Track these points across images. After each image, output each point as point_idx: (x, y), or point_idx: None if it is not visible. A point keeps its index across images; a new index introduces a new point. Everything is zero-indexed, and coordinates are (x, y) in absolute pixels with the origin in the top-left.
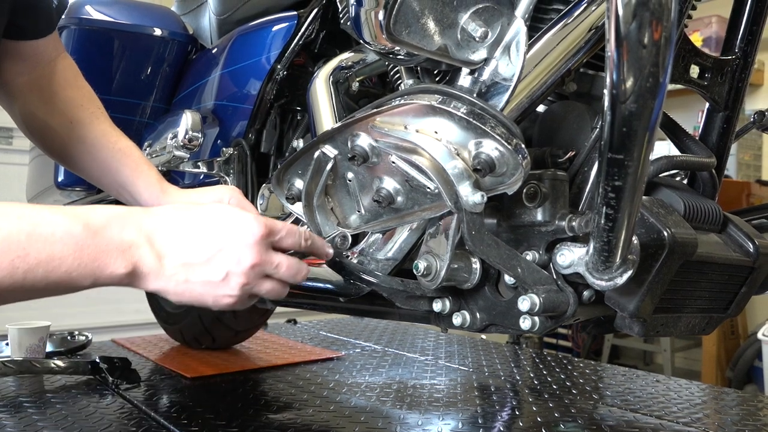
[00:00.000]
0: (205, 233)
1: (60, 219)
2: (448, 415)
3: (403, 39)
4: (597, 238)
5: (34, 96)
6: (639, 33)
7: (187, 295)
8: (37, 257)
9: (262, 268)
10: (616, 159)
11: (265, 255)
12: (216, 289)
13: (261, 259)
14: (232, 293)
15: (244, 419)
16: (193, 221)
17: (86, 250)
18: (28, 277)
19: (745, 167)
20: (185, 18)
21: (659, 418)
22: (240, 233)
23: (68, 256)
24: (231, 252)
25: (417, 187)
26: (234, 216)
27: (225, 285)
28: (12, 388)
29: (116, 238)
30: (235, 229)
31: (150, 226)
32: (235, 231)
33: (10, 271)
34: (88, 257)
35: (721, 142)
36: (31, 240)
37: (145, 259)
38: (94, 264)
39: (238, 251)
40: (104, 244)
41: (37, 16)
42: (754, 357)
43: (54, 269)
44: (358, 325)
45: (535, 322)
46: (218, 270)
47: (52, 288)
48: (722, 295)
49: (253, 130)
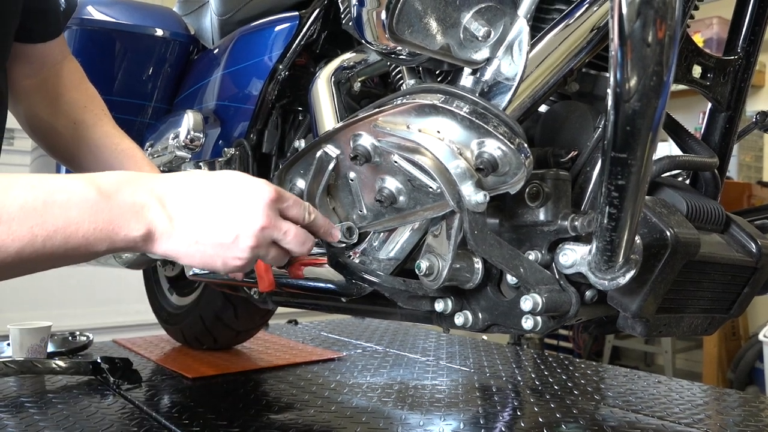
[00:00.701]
0: (215, 196)
1: (74, 185)
2: (450, 416)
3: (405, 38)
4: (600, 237)
5: (39, 98)
6: (643, 31)
7: (197, 258)
8: (55, 224)
9: (271, 232)
10: (620, 158)
11: (275, 219)
12: (226, 251)
13: (270, 223)
14: (241, 255)
15: (246, 419)
16: (204, 185)
17: (101, 214)
18: (47, 245)
19: (746, 168)
20: (187, 18)
21: (661, 418)
22: (250, 196)
23: (84, 220)
24: (241, 214)
25: (419, 186)
26: (244, 180)
27: (235, 247)
28: (13, 389)
29: (129, 200)
30: (245, 192)
31: (161, 189)
32: (245, 194)
33: (30, 240)
34: (104, 221)
35: (724, 142)
36: (48, 207)
37: (158, 221)
38: (109, 227)
39: (248, 213)
40: (118, 207)
41: (45, 20)
42: (755, 358)
43: (72, 235)
44: (359, 325)
45: (537, 322)
46: (229, 231)
47: (70, 255)
48: (725, 296)
49: (255, 130)
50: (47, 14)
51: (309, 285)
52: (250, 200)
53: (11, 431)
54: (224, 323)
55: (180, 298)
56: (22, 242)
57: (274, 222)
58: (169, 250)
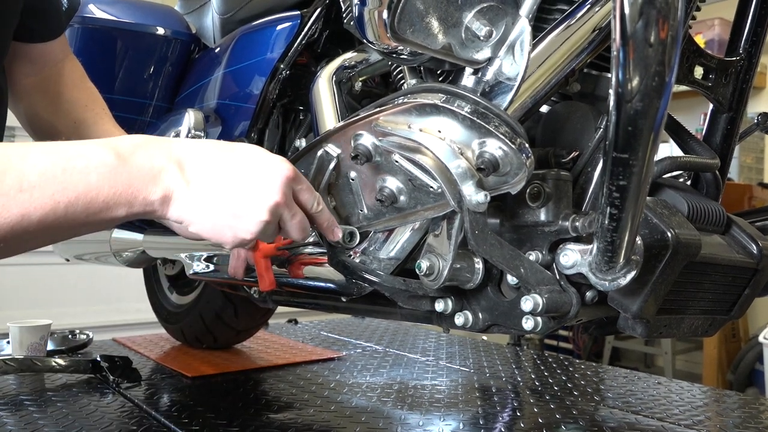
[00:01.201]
0: (234, 166)
1: (91, 150)
2: (449, 416)
3: (407, 38)
4: (601, 238)
5: (39, 97)
6: (645, 31)
7: (208, 227)
8: (76, 190)
9: (283, 210)
10: (621, 158)
11: (289, 198)
12: (238, 221)
13: (285, 200)
14: (252, 229)
15: (245, 419)
16: (223, 153)
17: (120, 178)
18: (69, 212)
19: (747, 170)
20: (188, 17)
21: (661, 420)
22: (269, 171)
23: (104, 185)
24: (259, 187)
25: (420, 186)
26: (263, 154)
27: (248, 219)
28: (13, 387)
29: (147, 164)
30: (264, 166)
31: (179, 153)
32: (264, 168)
33: (53, 207)
34: (123, 185)
35: (725, 143)
36: (67, 173)
37: (175, 185)
38: (128, 191)
39: (265, 187)
40: (136, 170)
41: (46, 19)
42: (755, 360)
43: (93, 200)
44: (359, 325)
45: (537, 322)
46: (245, 203)
47: (91, 221)
48: (725, 297)
49: (256, 129)
50: (48, 14)
51: (309, 284)
52: (269, 175)
53: (11, 429)
54: (224, 322)
55: (180, 297)
56: (44, 210)
57: (288, 200)
58: (183, 214)
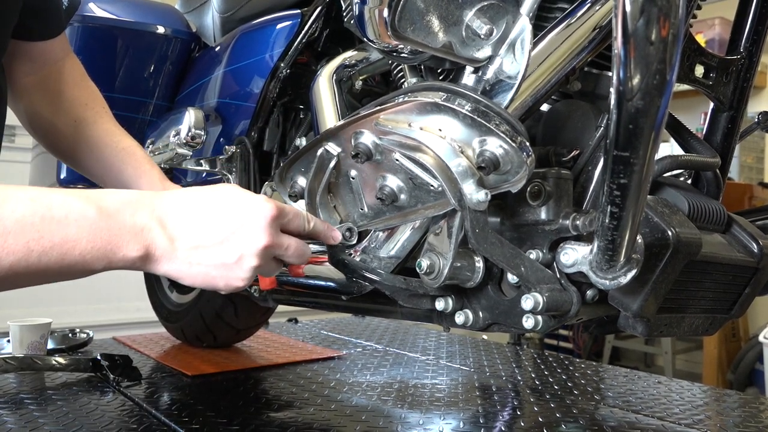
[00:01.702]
0: (217, 215)
1: (73, 202)
2: (450, 415)
3: (407, 36)
4: (601, 236)
5: (40, 95)
6: (647, 29)
7: (200, 279)
8: (52, 240)
9: (273, 251)
10: (622, 156)
11: (277, 237)
12: (229, 271)
13: (273, 242)
14: (243, 276)
15: (245, 417)
16: (205, 203)
17: (100, 233)
18: (42, 260)
19: (747, 170)
20: (188, 16)
21: (661, 419)
22: (252, 215)
23: (82, 238)
24: (244, 234)
25: (420, 184)
26: (245, 197)
27: (238, 267)
28: (13, 385)
29: (129, 221)
30: (247, 210)
31: (162, 210)
32: (247, 213)
33: (26, 254)
34: (102, 240)
35: (726, 142)
36: (45, 222)
37: (158, 242)
38: (107, 247)
39: (251, 233)
40: (117, 227)
41: (46, 18)
42: (755, 360)
43: (68, 252)
44: (359, 324)
45: (538, 321)
46: (232, 252)
47: (65, 271)
48: (726, 296)
49: (256, 128)
50: (48, 12)
51: (309, 283)
52: (252, 220)
53: (11, 427)
54: (224, 321)
55: (180, 295)
56: (16, 256)
57: (276, 240)
58: (170, 270)
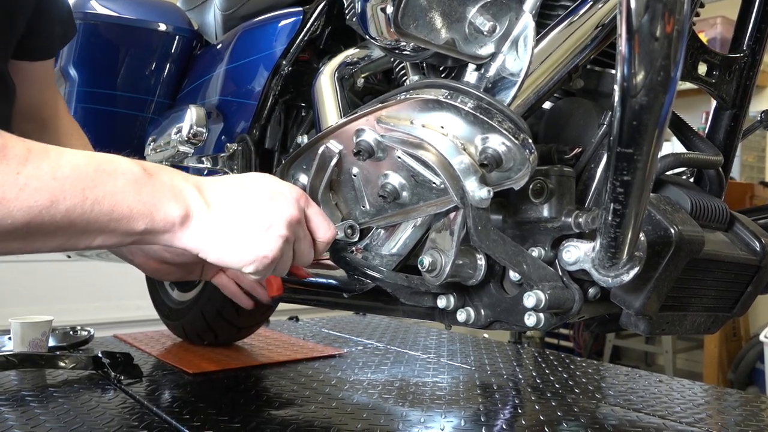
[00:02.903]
0: (248, 189)
1: (120, 159)
2: (451, 413)
3: (410, 32)
4: (604, 234)
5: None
6: (651, 25)
7: (229, 249)
8: (104, 189)
9: (299, 229)
10: (626, 153)
11: (302, 216)
12: (258, 240)
13: (300, 217)
14: (272, 246)
15: (246, 415)
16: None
17: (145, 188)
18: (95, 209)
19: (748, 169)
20: (190, 14)
21: (662, 417)
22: (284, 190)
23: (129, 190)
24: (275, 204)
25: (422, 182)
26: (274, 179)
27: (267, 236)
28: (14, 382)
29: (168, 182)
30: (279, 186)
31: (196, 179)
32: (279, 188)
33: (81, 200)
34: (147, 194)
35: (728, 140)
36: (98, 173)
37: (195, 205)
38: (151, 201)
39: (281, 204)
40: (160, 185)
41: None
42: (755, 359)
43: (118, 203)
44: (360, 322)
45: (540, 318)
46: (263, 220)
47: (112, 227)
48: (728, 294)
49: (258, 125)
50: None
51: (311, 281)
52: (284, 193)
53: (12, 425)
54: (225, 319)
55: (181, 293)
56: (73, 201)
57: (302, 218)
58: (202, 238)
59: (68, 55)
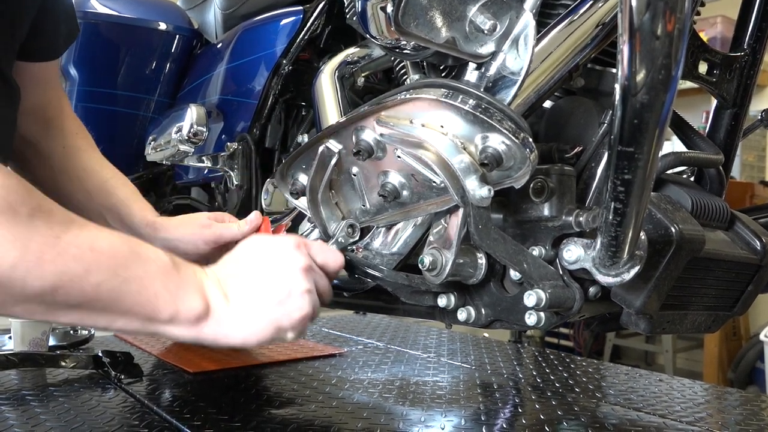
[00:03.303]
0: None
1: (150, 246)
2: (451, 412)
3: (411, 31)
4: (604, 233)
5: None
6: (652, 24)
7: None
8: (135, 271)
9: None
10: (627, 152)
11: (309, 258)
12: (285, 305)
13: (309, 262)
14: (300, 304)
15: (247, 414)
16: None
17: (172, 279)
18: (123, 288)
19: (748, 168)
20: (190, 13)
21: (663, 417)
22: (282, 247)
23: (158, 278)
24: (282, 267)
25: (423, 181)
26: (270, 240)
27: (291, 298)
28: (15, 382)
29: (191, 274)
30: (275, 245)
31: (211, 270)
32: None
33: (113, 276)
34: (174, 285)
35: (729, 139)
36: (132, 255)
37: (215, 299)
38: (177, 292)
39: (287, 263)
40: (185, 276)
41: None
42: (756, 358)
43: (145, 288)
44: (360, 322)
45: (540, 317)
46: (281, 288)
47: (136, 309)
48: (729, 293)
49: (258, 125)
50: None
51: None
52: (284, 250)
53: (13, 423)
54: None
55: None
56: (105, 276)
57: (310, 261)
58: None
59: (68, 54)
